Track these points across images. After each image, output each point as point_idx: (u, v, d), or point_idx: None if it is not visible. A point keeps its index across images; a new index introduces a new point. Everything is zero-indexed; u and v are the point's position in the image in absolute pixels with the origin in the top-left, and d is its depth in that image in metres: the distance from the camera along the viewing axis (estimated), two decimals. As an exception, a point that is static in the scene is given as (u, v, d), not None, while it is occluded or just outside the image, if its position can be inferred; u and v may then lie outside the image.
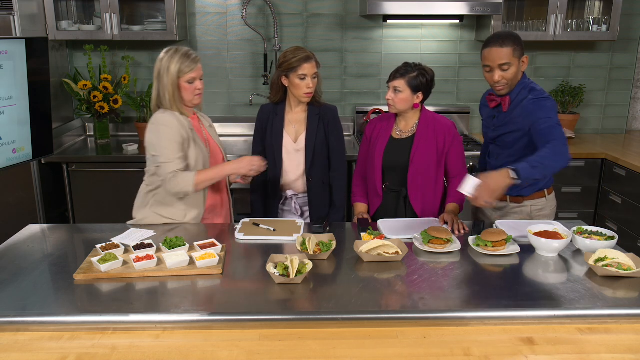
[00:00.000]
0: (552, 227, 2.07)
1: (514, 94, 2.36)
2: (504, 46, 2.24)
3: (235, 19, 3.90)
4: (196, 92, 2.28)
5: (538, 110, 2.24)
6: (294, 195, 2.65)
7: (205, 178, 2.24)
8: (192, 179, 2.20)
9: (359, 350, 1.45)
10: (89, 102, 3.67)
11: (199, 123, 2.41)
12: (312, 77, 2.46)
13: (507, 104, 2.38)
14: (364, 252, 1.91)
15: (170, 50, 2.25)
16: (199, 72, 2.27)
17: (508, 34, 2.28)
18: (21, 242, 2.10)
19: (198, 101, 2.32)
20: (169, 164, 2.21)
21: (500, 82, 2.29)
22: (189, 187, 2.21)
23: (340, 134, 2.64)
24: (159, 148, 2.22)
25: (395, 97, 2.38)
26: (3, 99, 2.70)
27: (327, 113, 2.60)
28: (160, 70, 2.24)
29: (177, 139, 2.23)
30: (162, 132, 2.23)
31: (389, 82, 2.40)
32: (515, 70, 2.28)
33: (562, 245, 1.96)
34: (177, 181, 2.20)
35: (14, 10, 3.15)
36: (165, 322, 1.54)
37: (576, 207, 3.70)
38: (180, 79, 2.23)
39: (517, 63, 2.27)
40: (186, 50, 2.25)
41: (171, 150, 2.21)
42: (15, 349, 1.45)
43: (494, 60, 2.26)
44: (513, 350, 1.46)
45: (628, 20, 3.99)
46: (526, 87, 2.35)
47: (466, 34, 4.01)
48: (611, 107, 4.21)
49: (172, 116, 2.25)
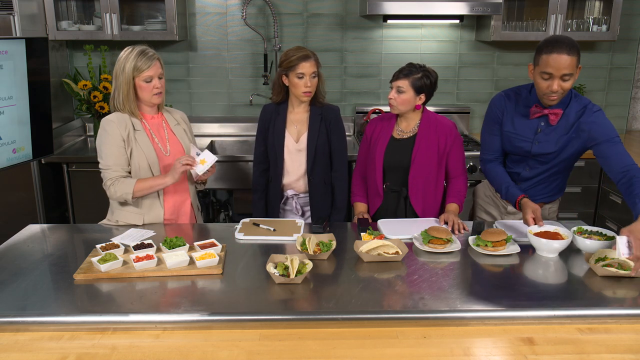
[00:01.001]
0: (553, 227, 2.07)
1: (563, 105, 2.21)
2: (571, 54, 2.03)
3: (235, 19, 3.90)
4: (155, 91, 2.23)
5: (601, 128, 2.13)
6: (294, 195, 2.65)
7: (144, 187, 2.21)
8: (131, 187, 2.19)
9: (359, 350, 1.45)
10: (89, 102, 3.67)
11: (162, 121, 2.36)
12: (311, 76, 2.45)
13: (558, 117, 2.21)
14: (364, 252, 1.91)
15: (129, 49, 2.21)
16: (156, 70, 2.21)
17: (572, 41, 2.06)
18: (21, 242, 2.10)
19: (157, 100, 2.27)
20: (108, 170, 2.22)
21: (557, 92, 2.10)
22: (128, 195, 2.20)
23: (342, 135, 2.64)
24: (100, 153, 2.24)
25: (398, 97, 2.37)
26: (3, 99, 2.70)
27: (329, 113, 2.59)
28: (117, 70, 2.21)
29: (117, 143, 2.21)
30: (102, 137, 2.23)
31: (392, 82, 2.38)
32: (573, 82, 2.11)
33: (563, 245, 1.96)
34: (116, 188, 2.21)
35: (14, 10, 3.14)
36: (165, 322, 1.54)
37: (576, 207, 3.70)
38: (136, 78, 2.19)
39: (576, 74, 2.10)
40: (143, 49, 2.21)
41: (110, 156, 2.21)
42: (15, 349, 1.45)
43: (558, 68, 2.04)
44: (513, 350, 1.46)
45: (628, 20, 3.99)
46: (576, 98, 2.22)
47: (466, 34, 4.01)
48: (611, 107, 4.21)
49: (114, 117, 2.23)
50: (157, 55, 2.23)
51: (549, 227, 2.07)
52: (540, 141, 2.28)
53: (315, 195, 2.63)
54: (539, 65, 2.10)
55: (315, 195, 2.63)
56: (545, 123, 2.26)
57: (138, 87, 2.21)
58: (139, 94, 2.23)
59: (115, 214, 2.33)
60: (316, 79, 2.49)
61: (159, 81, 2.23)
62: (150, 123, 2.32)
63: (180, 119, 2.45)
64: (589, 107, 2.20)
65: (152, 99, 2.25)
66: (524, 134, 2.31)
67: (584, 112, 2.20)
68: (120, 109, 2.25)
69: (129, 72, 2.18)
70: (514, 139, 2.34)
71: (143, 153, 2.26)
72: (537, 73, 2.12)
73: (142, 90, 2.22)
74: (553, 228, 2.06)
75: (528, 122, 2.29)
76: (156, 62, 2.21)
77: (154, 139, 2.31)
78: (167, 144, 2.34)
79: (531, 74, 2.19)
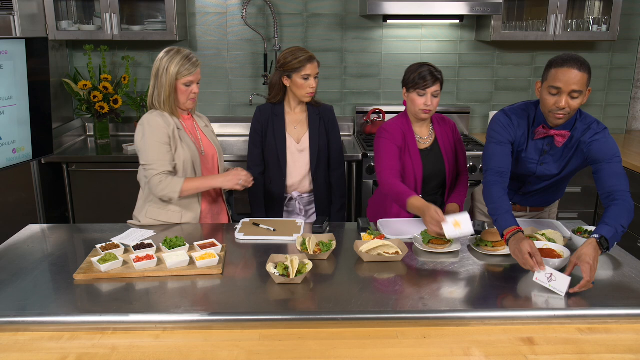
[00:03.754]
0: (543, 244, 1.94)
1: (569, 126, 2.10)
2: (582, 70, 1.94)
3: (235, 19, 3.90)
4: (191, 96, 2.29)
5: (601, 147, 2.05)
6: (299, 196, 2.65)
7: (192, 187, 2.24)
8: (179, 186, 2.20)
9: (359, 350, 1.45)
10: (89, 102, 3.67)
11: (193, 123, 2.41)
12: (315, 77, 2.47)
13: (565, 139, 2.11)
14: (364, 252, 1.91)
15: (172, 50, 2.25)
16: (197, 76, 2.27)
17: (584, 60, 1.98)
18: (21, 242, 2.10)
19: (191, 105, 2.33)
20: (154, 165, 2.21)
21: (565, 109, 1.98)
22: (175, 193, 2.21)
23: (339, 134, 2.68)
24: (144, 150, 2.23)
25: (434, 102, 2.30)
26: (3, 99, 2.70)
27: (326, 113, 2.63)
28: (159, 69, 2.24)
29: (162, 139, 2.22)
30: (147, 133, 2.23)
31: (426, 89, 2.26)
32: (582, 101, 1.99)
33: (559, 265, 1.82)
34: (163, 186, 2.21)
35: (14, 10, 3.14)
36: (165, 322, 1.54)
37: (576, 207, 3.70)
38: (178, 81, 2.24)
39: (585, 94, 2.00)
40: (187, 53, 2.26)
41: (156, 153, 2.21)
42: (15, 349, 1.45)
43: (567, 83, 1.94)
44: (513, 350, 1.46)
45: (628, 20, 3.99)
46: (582, 118, 2.13)
47: (466, 34, 4.01)
48: (611, 107, 4.21)
49: (158, 116, 2.25)
50: (200, 62, 2.29)
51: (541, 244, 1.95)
52: (545, 162, 2.20)
53: (320, 195, 2.65)
54: (547, 80, 2.00)
55: (319, 194, 2.65)
56: (550, 144, 2.16)
57: (178, 90, 2.26)
58: (178, 96, 2.28)
59: (150, 212, 2.31)
60: (317, 79, 2.50)
61: (196, 87, 2.29)
62: (186, 124, 2.36)
63: (207, 121, 2.52)
64: (592, 126, 2.11)
65: (187, 103, 2.31)
66: (531, 155, 2.21)
67: (587, 131, 2.11)
68: (161, 108, 2.27)
69: (172, 74, 2.22)
70: (521, 159, 2.22)
71: (189, 151, 2.29)
72: (545, 88, 2.01)
73: (181, 94, 2.27)
74: (543, 244, 1.94)
75: (533, 143, 2.18)
76: (198, 69, 2.27)
77: (192, 138, 2.35)
78: (201, 144, 2.38)
79: (538, 92, 2.08)
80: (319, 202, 2.65)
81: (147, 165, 2.23)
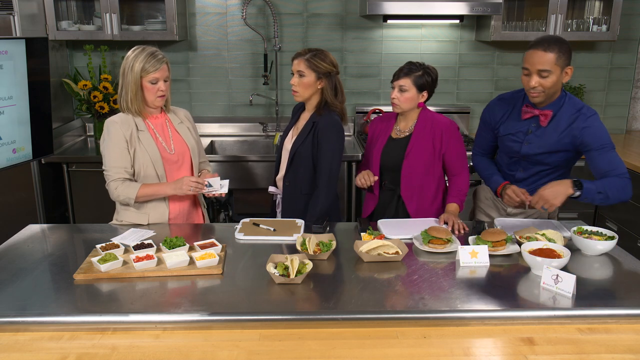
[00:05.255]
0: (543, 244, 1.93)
1: (556, 107, 2.22)
2: (547, 51, 2.09)
3: (235, 19, 3.90)
4: (159, 94, 2.25)
5: (593, 134, 2.14)
6: (275, 192, 2.64)
7: (146, 193, 2.25)
8: (134, 193, 2.22)
9: (359, 350, 1.45)
10: (89, 102, 3.67)
11: (165, 121, 2.37)
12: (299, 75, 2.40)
13: (548, 118, 2.23)
14: (364, 252, 1.91)
15: (137, 48, 2.23)
16: (163, 72, 2.23)
17: (556, 39, 2.13)
18: (21, 242, 2.10)
19: (160, 103, 2.29)
20: (111, 172, 2.23)
21: (536, 88, 2.15)
22: (131, 200, 2.24)
23: (326, 150, 2.39)
24: (103, 154, 2.26)
25: (401, 96, 2.37)
26: (3, 99, 2.70)
27: (320, 123, 2.41)
28: (125, 67, 2.23)
29: (120, 144, 2.23)
30: (106, 138, 2.25)
31: (394, 81, 2.39)
32: (555, 79, 2.13)
33: (560, 265, 1.82)
34: (119, 192, 2.23)
35: (14, 10, 3.14)
36: (165, 322, 1.54)
37: (576, 207, 3.70)
38: (143, 79, 2.21)
39: (558, 72, 2.12)
40: (153, 50, 2.23)
41: (113, 158, 2.23)
42: (15, 349, 1.45)
43: (533, 64, 2.12)
44: (513, 350, 1.46)
45: (628, 20, 3.99)
46: (571, 101, 2.22)
47: (466, 34, 4.01)
48: (611, 107, 4.21)
49: (117, 118, 2.26)
50: (167, 59, 2.26)
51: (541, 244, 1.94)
52: (530, 142, 2.31)
53: (285, 200, 2.54)
54: (523, 62, 2.19)
55: (285, 199, 2.54)
56: (537, 124, 2.28)
57: (144, 87, 2.24)
58: (144, 94, 2.25)
59: (120, 214, 2.35)
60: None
61: (164, 84, 2.26)
62: (154, 123, 2.34)
63: (184, 117, 2.47)
64: (583, 111, 2.19)
65: (155, 102, 2.27)
66: (516, 135, 2.35)
67: (577, 117, 2.19)
68: (128, 107, 2.26)
69: (137, 72, 2.20)
70: (506, 139, 2.39)
71: (147, 153, 2.27)
72: (522, 70, 2.20)
73: (147, 92, 2.24)
74: (543, 244, 1.93)
75: (520, 123, 2.33)
76: (164, 65, 2.24)
77: (158, 138, 2.32)
78: (171, 143, 2.35)
79: None
80: (283, 206, 2.56)
81: (105, 170, 2.26)
